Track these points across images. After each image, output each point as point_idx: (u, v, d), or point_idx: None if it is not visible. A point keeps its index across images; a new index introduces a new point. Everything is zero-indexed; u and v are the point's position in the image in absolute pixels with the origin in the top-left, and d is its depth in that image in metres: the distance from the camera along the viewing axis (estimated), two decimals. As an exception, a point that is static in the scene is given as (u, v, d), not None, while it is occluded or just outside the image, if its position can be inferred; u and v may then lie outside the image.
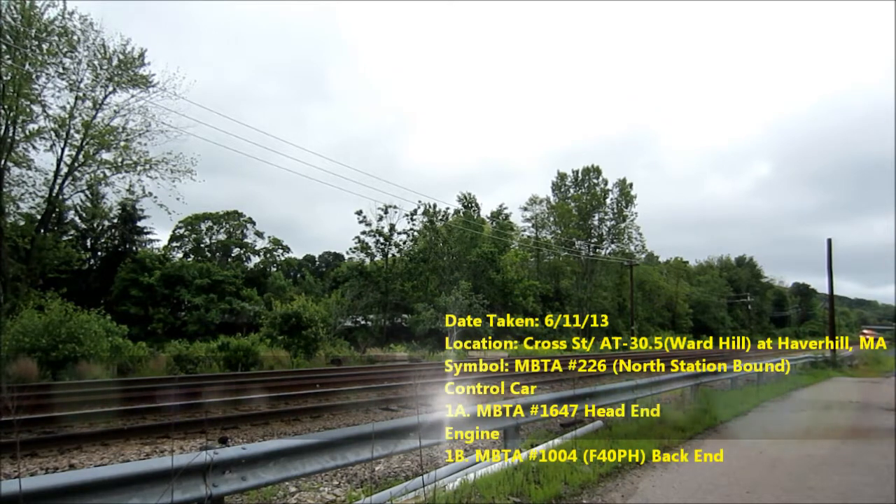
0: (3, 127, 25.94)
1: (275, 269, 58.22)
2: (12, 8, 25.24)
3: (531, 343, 44.05)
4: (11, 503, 2.94)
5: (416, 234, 47.87)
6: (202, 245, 55.43)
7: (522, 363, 27.31)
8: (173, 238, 54.19)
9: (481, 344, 41.71)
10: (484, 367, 24.48)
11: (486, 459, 6.94)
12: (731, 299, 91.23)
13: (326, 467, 4.92)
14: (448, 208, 50.46)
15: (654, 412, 10.89)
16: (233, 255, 55.67)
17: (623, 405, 10.52)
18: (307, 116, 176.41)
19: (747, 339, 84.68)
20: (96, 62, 27.77)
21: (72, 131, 28.13)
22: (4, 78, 24.63)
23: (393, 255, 45.97)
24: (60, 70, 26.99)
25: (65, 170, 28.49)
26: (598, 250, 64.00)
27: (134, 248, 45.23)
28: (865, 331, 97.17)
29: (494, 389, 15.97)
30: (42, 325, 18.99)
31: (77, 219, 42.75)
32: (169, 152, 30.21)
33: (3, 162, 25.89)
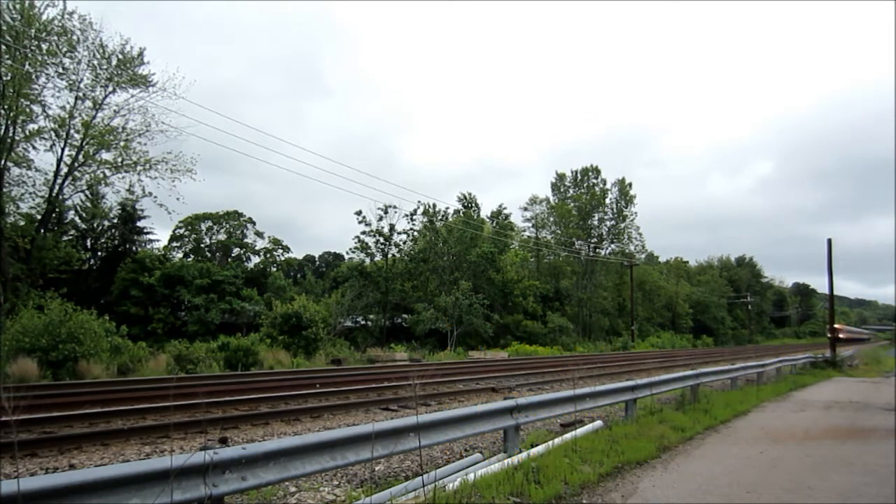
0: (3, 127, 25.93)
1: (275, 269, 58.14)
2: (12, 8, 25.24)
3: (531, 343, 44.08)
4: (11, 503, 2.94)
5: (415, 234, 47.88)
6: (202, 245, 55.39)
7: (522, 363, 27.32)
8: (173, 238, 54.17)
9: (481, 344, 41.77)
10: (484, 367, 24.49)
11: (486, 459, 6.94)
12: (731, 299, 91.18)
13: (326, 467, 4.91)
14: (448, 208, 50.52)
15: (654, 412, 10.91)
16: (233, 255, 55.61)
17: (623, 405, 10.52)
18: (305, 112, 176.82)
19: (747, 339, 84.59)
20: (96, 62, 27.80)
21: (72, 131, 28.17)
22: (4, 78, 24.62)
23: (393, 255, 45.94)
24: (60, 70, 27.02)
25: (65, 170, 28.51)
26: (598, 250, 63.97)
27: (134, 248, 45.12)
28: (836, 326, 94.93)
29: (494, 389, 15.98)
30: (42, 325, 18.97)
31: (77, 219, 42.65)
32: (169, 152, 30.29)
33: (3, 162, 25.88)
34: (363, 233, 44.77)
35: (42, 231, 29.73)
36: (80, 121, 28.20)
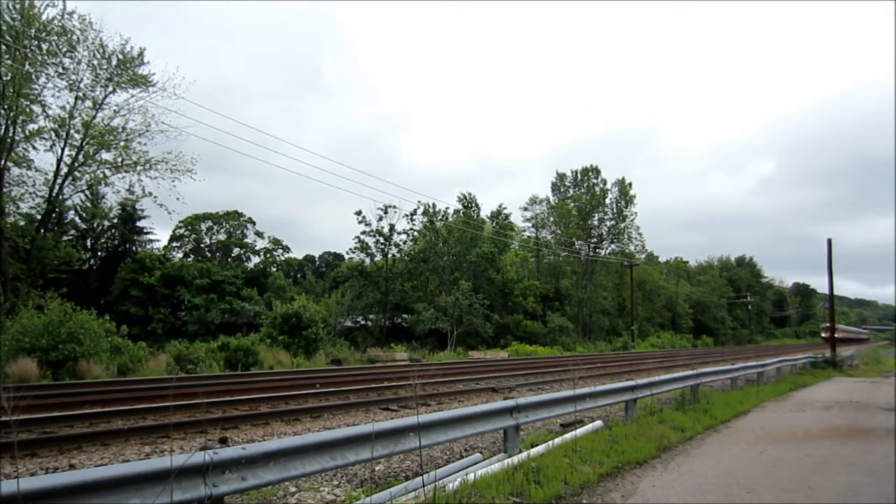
0: (3, 127, 25.93)
1: (275, 269, 58.16)
2: (12, 8, 25.23)
3: (531, 343, 44.07)
4: (10, 503, 2.94)
5: (415, 234, 47.87)
6: (202, 245, 55.39)
7: (522, 363, 27.31)
8: (173, 238, 54.17)
9: (481, 344, 41.76)
10: (484, 367, 24.49)
11: (486, 459, 6.94)
12: (731, 299, 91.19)
13: (326, 467, 4.91)
14: (448, 208, 50.49)
15: (654, 412, 10.90)
16: (233, 255, 55.61)
17: (623, 405, 10.52)
18: (305, 112, 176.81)
19: (747, 339, 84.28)
20: (96, 62, 27.79)
21: (72, 131, 28.16)
22: (4, 78, 24.61)
23: (393, 255, 45.94)
24: (60, 70, 27.01)
25: (65, 170, 28.51)
26: (598, 250, 63.95)
27: (134, 248, 45.14)
28: (823, 326, 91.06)
29: (494, 389, 15.97)
30: (42, 325, 18.96)
31: (77, 219, 42.70)
32: (169, 152, 30.29)
33: (3, 162, 25.88)
34: (363, 233, 44.82)
35: (42, 231, 29.73)
36: (80, 121, 28.21)
